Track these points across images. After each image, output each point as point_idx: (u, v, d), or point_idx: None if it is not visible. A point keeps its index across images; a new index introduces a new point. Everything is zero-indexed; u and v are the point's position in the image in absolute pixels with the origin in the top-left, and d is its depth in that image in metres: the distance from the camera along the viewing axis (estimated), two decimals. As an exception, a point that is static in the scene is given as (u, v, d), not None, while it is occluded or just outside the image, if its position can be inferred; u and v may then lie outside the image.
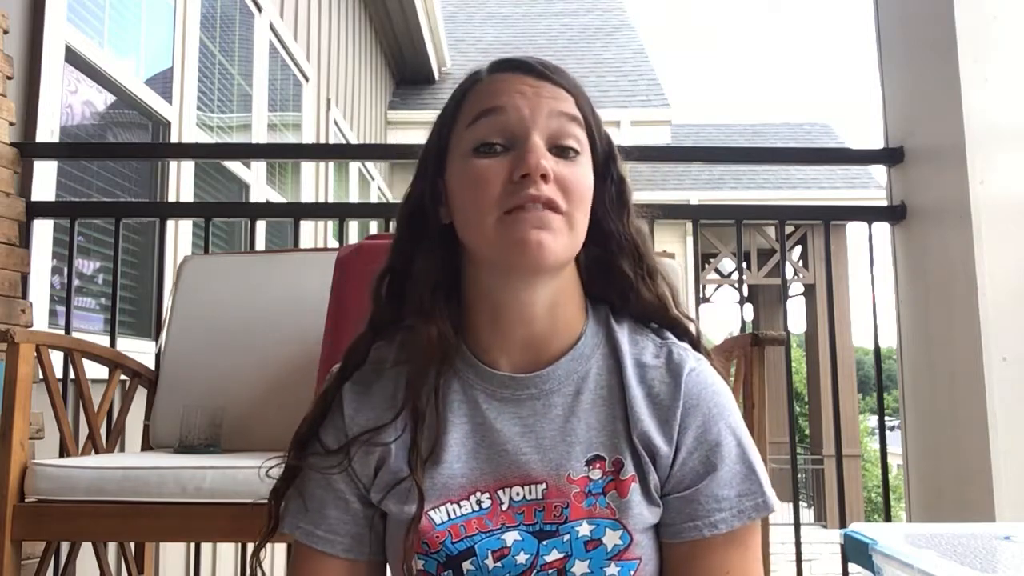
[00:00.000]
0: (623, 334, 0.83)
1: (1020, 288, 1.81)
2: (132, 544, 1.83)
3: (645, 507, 0.77)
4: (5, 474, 1.37)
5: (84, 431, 1.75)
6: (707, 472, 0.77)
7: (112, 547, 2.08)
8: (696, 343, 0.85)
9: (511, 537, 0.77)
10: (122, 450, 2.02)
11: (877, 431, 2.35)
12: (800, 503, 3.14)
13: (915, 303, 2.09)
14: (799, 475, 6.04)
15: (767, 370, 1.45)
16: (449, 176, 0.80)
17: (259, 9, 4.02)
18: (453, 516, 0.78)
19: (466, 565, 0.76)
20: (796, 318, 10.47)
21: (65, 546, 1.80)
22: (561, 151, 0.77)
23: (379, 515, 0.82)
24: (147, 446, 1.84)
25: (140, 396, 1.88)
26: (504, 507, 0.78)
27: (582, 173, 0.78)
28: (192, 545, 2.43)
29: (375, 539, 0.82)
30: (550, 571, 0.76)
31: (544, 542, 0.76)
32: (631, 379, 0.80)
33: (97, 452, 1.74)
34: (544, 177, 0.74)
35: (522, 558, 0.76)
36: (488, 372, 0.81)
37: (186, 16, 3.19)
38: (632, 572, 0.76)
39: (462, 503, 0.78)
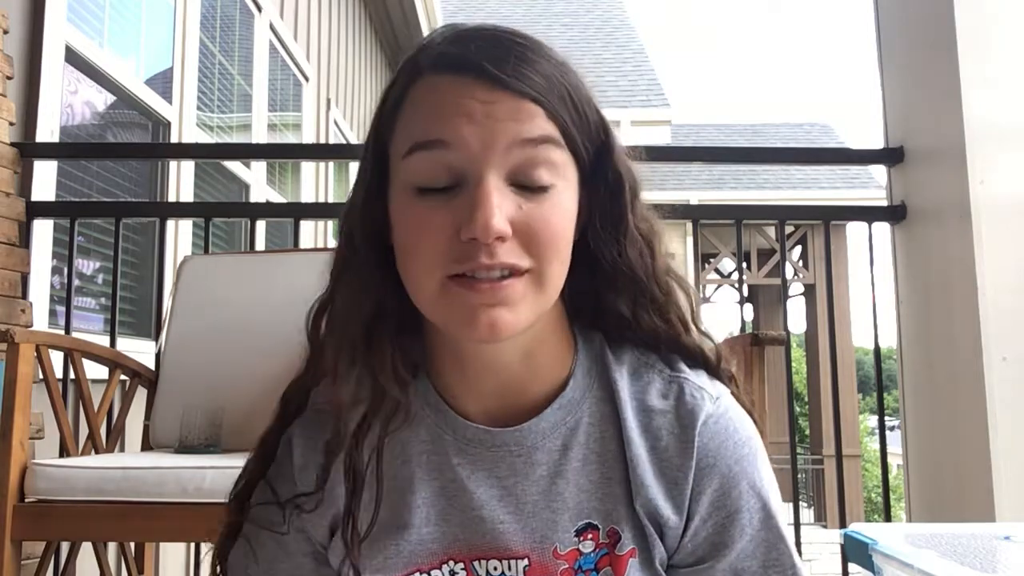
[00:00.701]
0: (621, 371, 0.68)
1: (1020, 288, 1.81)
2: (132, 544, 1.83)
3: None
4: (5, 474, 1.37)
5: (84, 431, 1.75)
6: (725, 543, 0.65)
7: (112, 547, 2.08)
8: (716, 370, 0.71)
9: None
10: (122, 450, 2.01)
11: (877, 431, 2.35)
12: (800, 503, 3.14)
13: (915, 303, 2.09)
14: (799, 475, 6.04)
15: (767, 370, 1.45)
16: (391, 203, 0.64)
17: (259, 9, 4.02)
18: None
19: None
20: (796, 318, 10.48)
21: (65, 546, 1.79)
22: (529, 180, 0.60)
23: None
24: (147, 446, 1.83)
25: (140, 396, 1.88)
26: None
27: (555, 207, 0.61)
28: (192, 545, 2.43)
29: None
30: None
31: None
32: (632, 431, 0.66)
33: (97, 452, 1.73)
34: (501, 238, 0.58)
35: None
36: (458, 422, 0.67)
37: (186, 16, 3.19)
38: None
39: (433, 573, 0.66)
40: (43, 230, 2.22)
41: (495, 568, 0.65)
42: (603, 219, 0.66)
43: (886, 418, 2.28)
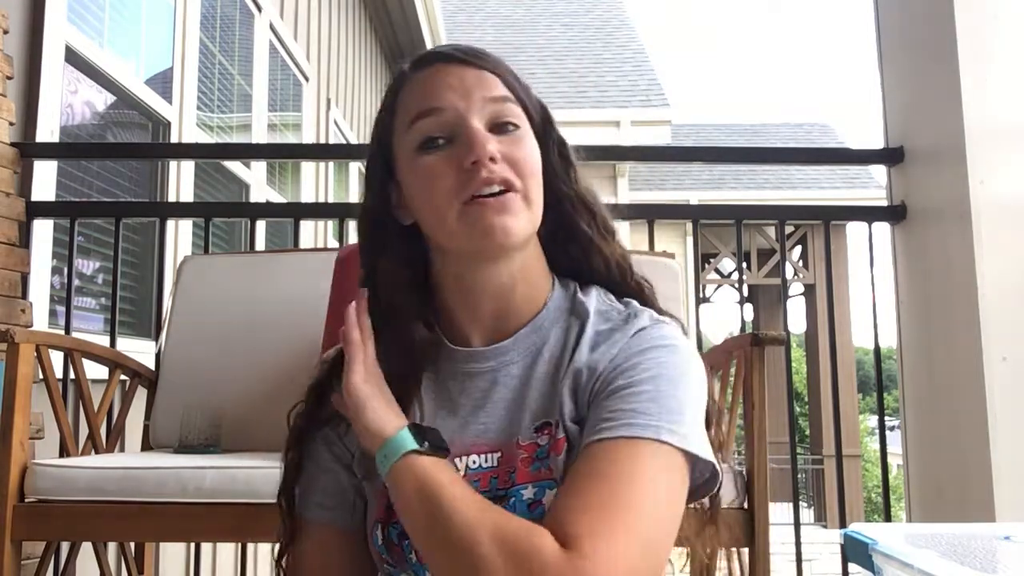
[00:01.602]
0: (590, 312, 0.83)
1: (1020, 288, 1.81)
2: (132, 544, 1.83)
3: None
4: (5, 474, 1.37)
5: (84, 431, 1.75)
6: (613, 391, 0.75)
7: (112, 547, 2.08)
8: (654, 299, 0.87)
9: None
10: (122, 450, 2.02)
11: (877, 431, 2.35)
12: (800, 503, 3.14)
13: (915, 303, 2.09)
14: (799, 475, 6.04)
15: (767, 370, 1.45)
16: (402, 179, 0.82)
17: (259, 9, 4.02)
18: None
19: None
20: (796, 318, 10.48)
21: (65, 546, 1.79)
22: (501, 129, 0.79)
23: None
24: (147, 446, 1.84)
25: (140, 396, 1.88)
26: (461, 474, 0.79)
27: (527, 145, 0.80)
28: (192, 545, 2.43)
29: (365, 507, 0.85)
30: None
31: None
32: (584, 345, 0.80)
33: (97, 452, 1.73)
34: (492, 159, 0.76)
35: None
36: (453, 350, 0.84)
37: (186, 16, 3.19)
38: None
39: None
40: (43, 230, 2.22)
41: (474, 462, 0.81)
42: (558, 166, 0.85)
43: (886, 418, 2.28)
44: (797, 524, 2.15)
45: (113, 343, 2.09)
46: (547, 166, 0.84)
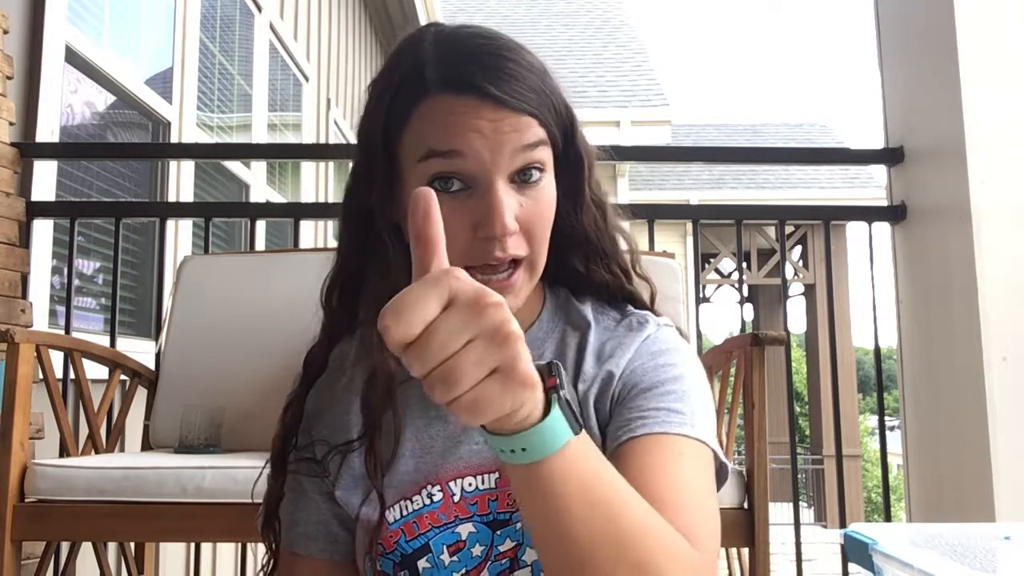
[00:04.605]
0: (587, 313, 0.81)
1: (1020, 288, 1.81)
2: (132, 544, 1.83)
3: None
4: (5, 474, 1.37)
5: (84, 431, 1.75)
6: (641, 391, 0.74)
7: (112, 547, 2.08)
8: (652, 307, 0.84)
9: (465, 529, 0.75)
10: (122, 450, 2.02)
11: (877, 431, 2.36)
12: (800, 503, 3.14)
13: (915, 303, 2.09)
14: (799, 475, 6.04)
15: (767, 370, 1.45)
16: (404, 195, 0.72)
17: (259, 9, 4.02)
18: (405, 513, 0.76)
19: (422, 563, 0.75)
20: (796, 318, 10.48)
21: (65, 546, 1.79)
22: (525, 176, 0.71)
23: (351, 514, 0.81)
24: (147, 446, 1.83)
25: (140, 396, 1.88)
26: (456, 499, 0.76)
27: (545, 200, 0.73)
28: (192, 545, 2.43)
29: (351, 539, 0.80)
30: (503, 561, 0.75)
31: (498, 532, 0.75)
32: (589, 356, 0.78)
33: (97, 452, 1.73)
34: (511, 233, 0.69)
35: (477, 550, 0.75)
36: None
37: (186, 16, 3.19)
38: None
39: (414, 498, 0.77)
40: (43, 230, 2.22)
41: (470, 484, 0.76)
42: (565, 193, 0.77)
43: (886, 418, 2.28)
44: (797, 524, 2.15)
45: (113, 343, 2.09)
46: (558, 200, 0.76)
